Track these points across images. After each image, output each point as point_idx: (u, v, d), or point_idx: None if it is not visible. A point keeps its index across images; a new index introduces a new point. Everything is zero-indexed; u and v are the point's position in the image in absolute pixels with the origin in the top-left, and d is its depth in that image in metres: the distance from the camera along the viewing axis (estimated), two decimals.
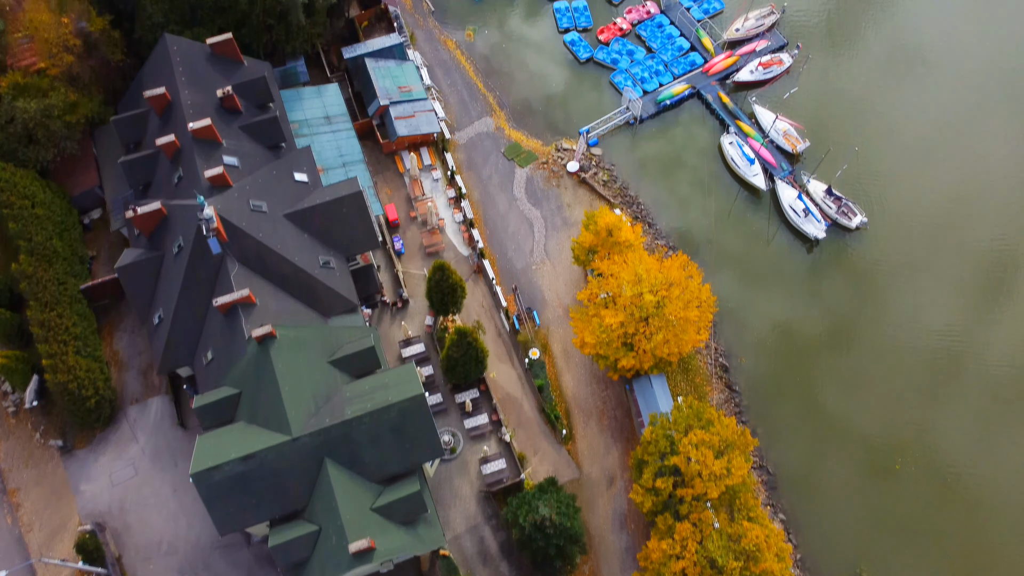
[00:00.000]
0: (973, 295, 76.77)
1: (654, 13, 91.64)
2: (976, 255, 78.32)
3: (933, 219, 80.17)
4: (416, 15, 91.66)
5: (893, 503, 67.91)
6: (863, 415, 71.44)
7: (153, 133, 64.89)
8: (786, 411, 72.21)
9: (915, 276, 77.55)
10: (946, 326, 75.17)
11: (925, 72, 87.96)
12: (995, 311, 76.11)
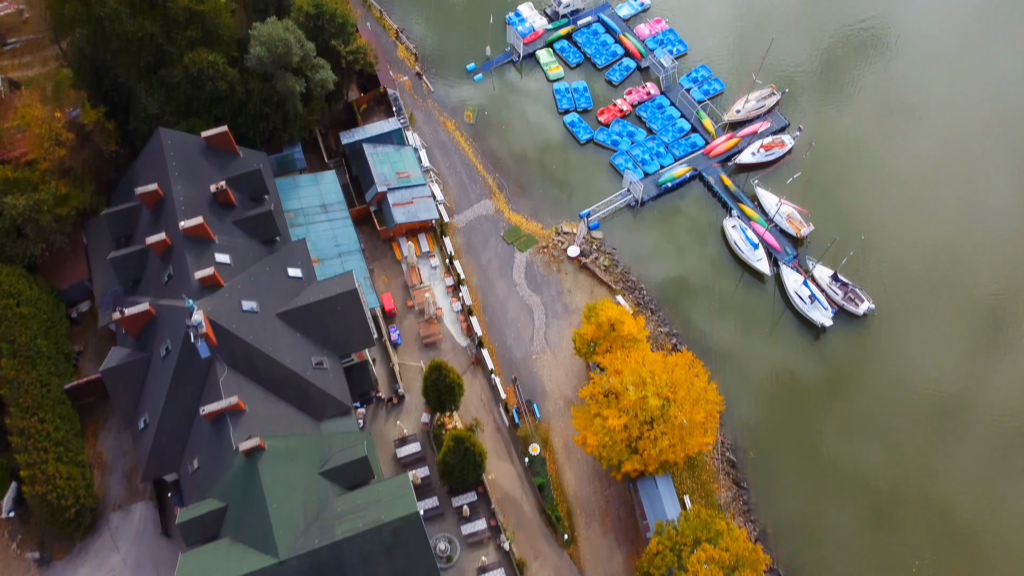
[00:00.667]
0: (973, 342, 75.94)
1: (654, 94, 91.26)
2: (975, 302, 78.14)
3: (931, 266, 79.84)
4: (415, 96, 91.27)
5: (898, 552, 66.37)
6: (870, 468, 70.22)
7: (144, 227, 63.46)
8: (795, 506, 69.49)
9: (914, 324, 76.97)
10: (948, 373, 74.46)
11: (927, 139, 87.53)
12: (995, 358, 75.25)
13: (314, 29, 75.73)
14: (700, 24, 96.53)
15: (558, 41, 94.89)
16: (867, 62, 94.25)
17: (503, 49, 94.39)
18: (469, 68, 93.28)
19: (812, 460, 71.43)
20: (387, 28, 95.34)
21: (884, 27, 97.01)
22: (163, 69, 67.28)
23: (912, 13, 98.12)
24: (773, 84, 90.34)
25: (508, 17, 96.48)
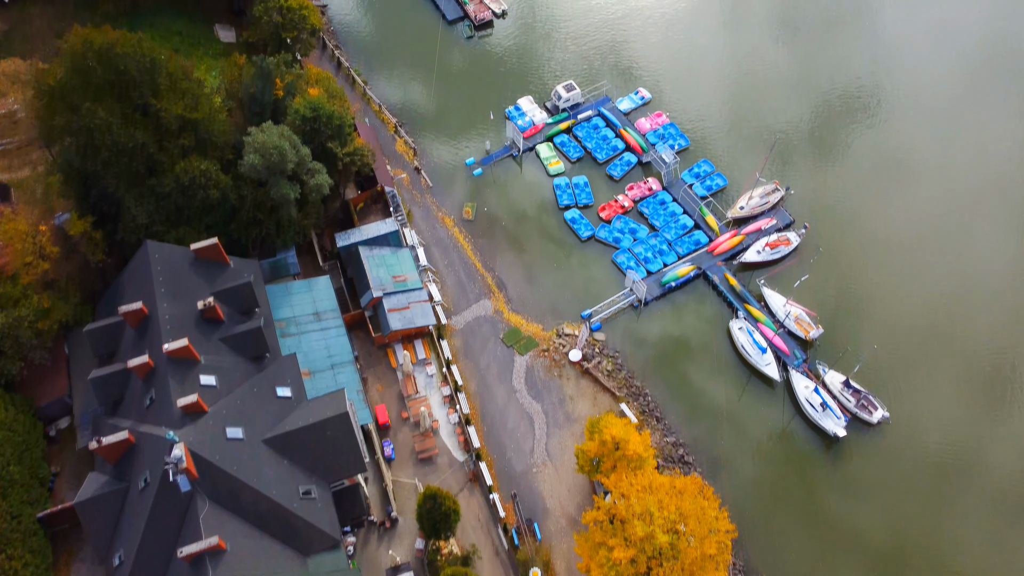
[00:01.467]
0: (975, 404, 75.38)
1: (656, 190, 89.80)
2: (976, 363, 77.97)
3: (930, 324, 79.76)
4: (414, 191, 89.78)
5: None
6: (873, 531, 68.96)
7: (128, 344, 60.85)
8: None
9: (915, 381, 76.63)
10: (952, 435, 73.80)
11: (929, 206, 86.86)
12: (998, 417, 74.66)
13: (311, 132, 74.52)
14: (701, 118, 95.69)
15: (558, 135, 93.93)
16: (861, 130, 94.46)
17: (503, 143, 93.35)
18: (468, 162, 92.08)
19: None
20: (386, 122, 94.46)
21: (880, 94, 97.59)
22: (153, 178, 65.64)
23: (903, 80, 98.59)
24: (777, 180, 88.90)
25: (508, 111, 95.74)
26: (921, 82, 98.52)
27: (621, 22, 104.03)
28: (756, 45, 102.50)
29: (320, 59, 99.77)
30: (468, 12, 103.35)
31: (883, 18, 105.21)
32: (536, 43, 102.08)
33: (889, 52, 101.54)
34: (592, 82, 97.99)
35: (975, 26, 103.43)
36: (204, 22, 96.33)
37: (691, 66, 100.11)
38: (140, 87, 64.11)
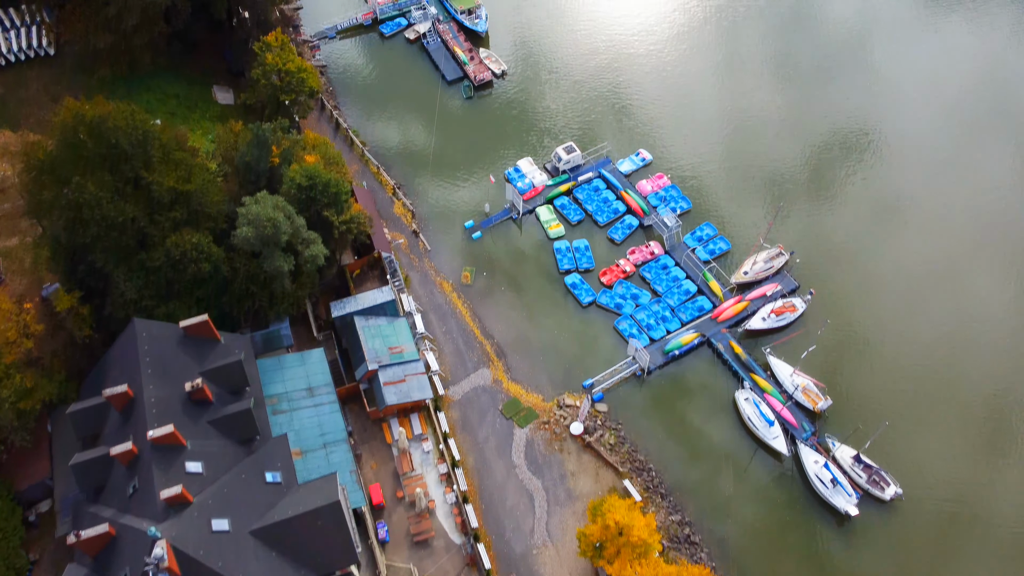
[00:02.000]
0: (979, 451, 74.74)
1: (658, 254, 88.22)
2: (978, 405, 77.38)
3: (930, 368, 79.47)
4: (411, 255, 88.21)
5: None
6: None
7: (113, 426, 58.59)
8: None
9: (918, 435, 75.30)
10: (953, 480, 73.11)
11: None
12: (1002, 462, 74.08)
13: (306, 200, 73.15)
14: (703, 178, 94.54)
15: (558, 198, 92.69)
16: (857, 177, 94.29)
17: (502, 206, 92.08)
18: (468, 225, 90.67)
19: None
20: (384, 184, 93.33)
21: (876, 140, 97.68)
22: (144, 252, 64.01)
23: (898, 125, 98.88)
24: (781, 244, 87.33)
25: (507, 172, 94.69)
26: (915, 127, 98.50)
27: (620, 79, 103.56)
28: (754, 98, 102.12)
29: (319, 120, 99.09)
30: (468, 72, 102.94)
31: (876, 65, 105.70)
32: (536, 103, 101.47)
33: (883, 98, 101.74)
34: (593, 143, 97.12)
35: (967, 72, 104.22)
36: (202, 84, 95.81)
37: (690, 125, 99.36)
38: (132, 160, 62.87)
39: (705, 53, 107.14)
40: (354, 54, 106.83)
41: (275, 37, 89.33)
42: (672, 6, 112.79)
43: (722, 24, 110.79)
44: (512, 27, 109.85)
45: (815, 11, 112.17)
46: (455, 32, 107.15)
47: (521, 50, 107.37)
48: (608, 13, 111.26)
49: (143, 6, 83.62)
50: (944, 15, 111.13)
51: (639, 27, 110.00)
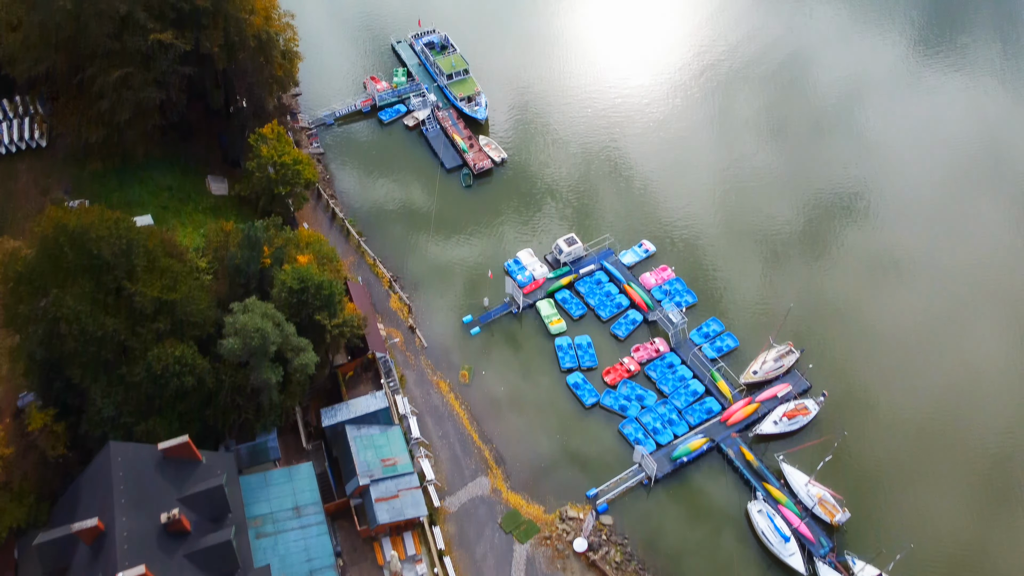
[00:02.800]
0: (982, 508, 73.28)
1: (663, 351, 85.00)
2: (981, 458, 76.36)
3: (932, 422, 78.37)
4: (407, 353, 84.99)
5: None
6: None
7: (82, 561, 54.39)
8: None
9: (921, 491, 74.39)
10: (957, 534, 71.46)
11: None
12: (1007, 517, 72.59)
13: (298, 304, 70.28)
14: (707, 271, 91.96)
15: (560, 291, 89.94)
16: (856, 237, 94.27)
17: (502, 299, 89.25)
18: (466, 320, 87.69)
19: None
20: (380, 276, 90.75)
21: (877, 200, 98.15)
22: (124, 367, 60.78)
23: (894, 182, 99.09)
24: (791, 342, 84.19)
25: (507, 264, 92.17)
26: (912, 186, 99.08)
27: (621, 162, 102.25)
28: (752, 165, 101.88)
29: (315, 209, 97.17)
30: (467, 161, 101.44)
31: (870, 124, 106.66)
32: (537, 192, 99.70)
33: (878, 157, 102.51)
34: (595, 231, 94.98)
35: (959, 131, 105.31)
36: (196, 173, 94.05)
37: (691, 208, 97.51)
38: (114, 270, 60.19)
39: (703, 128, 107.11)
40: (352, 141, 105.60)
41: (271, 129, 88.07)
42: (667, 83, 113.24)
43: (718, 95, 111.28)
44: (512, 112, 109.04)
45: (808, 73, 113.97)
46: (454, 119, 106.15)
47: (521, 136, 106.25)
48: (609, 98, 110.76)
49: (137, 100, 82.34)
50: (935, 76, 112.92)
51: (638, 107, 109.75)
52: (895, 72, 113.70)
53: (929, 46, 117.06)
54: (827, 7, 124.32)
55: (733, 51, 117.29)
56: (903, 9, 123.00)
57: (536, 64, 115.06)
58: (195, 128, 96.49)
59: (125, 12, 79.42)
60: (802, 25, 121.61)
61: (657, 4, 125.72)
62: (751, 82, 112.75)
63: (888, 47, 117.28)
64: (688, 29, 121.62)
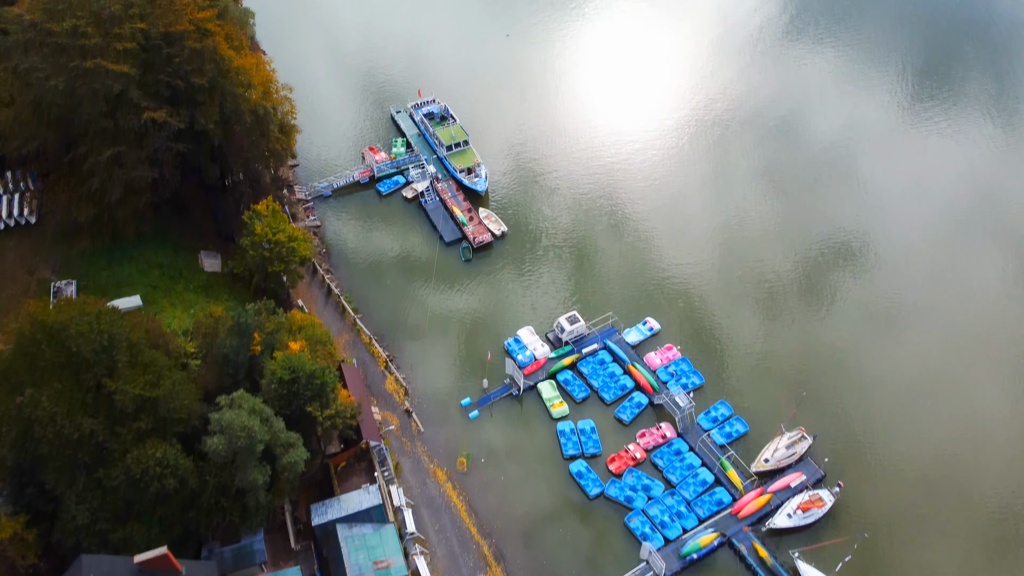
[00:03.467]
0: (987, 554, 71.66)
1: (670, 437, 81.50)
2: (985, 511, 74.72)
3: (935, 474, 76.98)
4: (403, 439, 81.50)
5: None
6: None
7: None
8: None
9: (922, 535, 72.89)
10: None
11: None
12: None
13: (288, 396, 67.24)
14: (714, 350, 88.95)
15: (562, 371, 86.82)
16: (858, 292, 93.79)
17: (502, 381, 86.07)
18: (464, 403, 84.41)
19: None
20: (376, 356, 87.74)
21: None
22: (101, 470, 57.41)
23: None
24: (803, 427, 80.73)
25: (507, 343, 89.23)
26: (906, 234, 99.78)
27: (625, 236, 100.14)
28: (756, 227, 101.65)
29: (310, 285, 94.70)
30: (466, 234, 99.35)
31: (865, 175, 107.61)
32: (537, 266, 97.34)
33: (880, 211, 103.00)
34: (597, 306, 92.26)
35: (954, 181, 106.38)
36: (189, 249, 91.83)
37: (698, 284, 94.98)
38: (94, 368, 57.22)
39: (702, 190, 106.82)
40: (350, 214, 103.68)
41: (266, 205, 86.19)
42: (667, 146, 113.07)
43: (717, 153, 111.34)
44: (513, 183, 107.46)
45: (803, 126, 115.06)
46: (454, 191, 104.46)
47: (521, 207, 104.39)
48: (609, 164, 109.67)
49: (128, 179, 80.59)
50: (928, 129, 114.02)
51: (639, 173, 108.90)
52: (889, 126, 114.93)
53: (922, 101, 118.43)
54: (821, 64, 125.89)
55: (733, 107, 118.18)
56: (896, 66, 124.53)
57: (536, 132, 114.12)
58: (189, 202, 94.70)
59: (119, 91, 78.09)
60: (797, 81, 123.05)
61: (656, 65, 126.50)
62: (749, 137, 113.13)
63: (882, 102, 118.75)
64: (687, 88, 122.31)
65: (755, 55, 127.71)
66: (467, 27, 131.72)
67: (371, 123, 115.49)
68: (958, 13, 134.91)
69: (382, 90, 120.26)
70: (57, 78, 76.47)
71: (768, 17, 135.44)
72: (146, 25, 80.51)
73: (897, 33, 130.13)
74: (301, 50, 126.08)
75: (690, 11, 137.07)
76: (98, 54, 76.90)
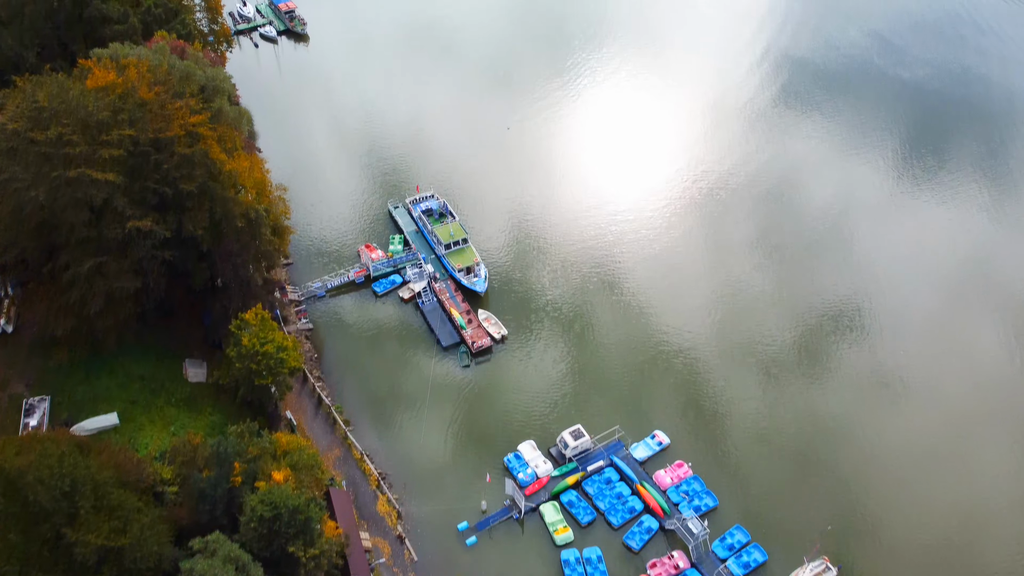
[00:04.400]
0: None
1: (683, 568, 75.44)
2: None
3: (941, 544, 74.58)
4: (395, 568, 75.52)
5: None
6: None
7: None
8: None
9: None
10: None
11: None
12: None
13: (269, 535, 61.76)
14: (728, 466, 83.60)
15: (566, 492, 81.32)
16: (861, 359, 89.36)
17: (502, 502, 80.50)
18: (461, 528, 78.69)
19: None
20: (368, 474, 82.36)
21: None
22: None
23: None
24: (827, 556, 74.75)
25: (507, 459, 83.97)
26: (905, 304, 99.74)
27: (633, 348, 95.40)
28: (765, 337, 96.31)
29: (299, 394, 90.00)
30: (465, 338, 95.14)
31: (858, 243, 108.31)
32: (540, 374, 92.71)
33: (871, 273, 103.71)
34: (603, 418, 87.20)
35: (950, 248, 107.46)
36: (174, 357, 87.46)
37: (711, 402, 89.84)
38: (53, 517, 52.06)
39: (703, 280, 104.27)
40: (344, 315, 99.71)
41: (254, 314, 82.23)
42: (668, 236, 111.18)
43: (715, 249, 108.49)
44: (513, 282, 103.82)
45: (797, 194, 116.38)
46: (452, 291, 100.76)
47: (522, 309, 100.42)
48: (611, 259, 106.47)
49: (110, 290, 76.78)
50: (919, 195, 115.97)
51: (643, 267, 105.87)
52: (879, 193, 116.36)
53: (915, 170, 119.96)
54: (815, 134, 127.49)
55: (727, 178, 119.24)
56: (888, 136, 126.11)
57: (537, 225, 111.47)
58: (176, 307, 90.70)
59: (103, 200, 75.01)
60: (791, 151, 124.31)
61: (652, 139, 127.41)
62: (746, 210, 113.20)
63: (875, 170, 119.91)
64: (682, 162, 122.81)
65: (747, 125, 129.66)
66: (466, 119, 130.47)
67: (368, 219, 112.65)
68: (950, 87, 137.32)
69: (380, 184, 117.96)
70: (38, 188, 73.44)
71: (760, 88, 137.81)
72: (135, 131, 78.07)
73: (889, 105, 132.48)
74: (299, 143, 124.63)
75: (683, 82, 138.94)
76: (83, 162, 74.04)
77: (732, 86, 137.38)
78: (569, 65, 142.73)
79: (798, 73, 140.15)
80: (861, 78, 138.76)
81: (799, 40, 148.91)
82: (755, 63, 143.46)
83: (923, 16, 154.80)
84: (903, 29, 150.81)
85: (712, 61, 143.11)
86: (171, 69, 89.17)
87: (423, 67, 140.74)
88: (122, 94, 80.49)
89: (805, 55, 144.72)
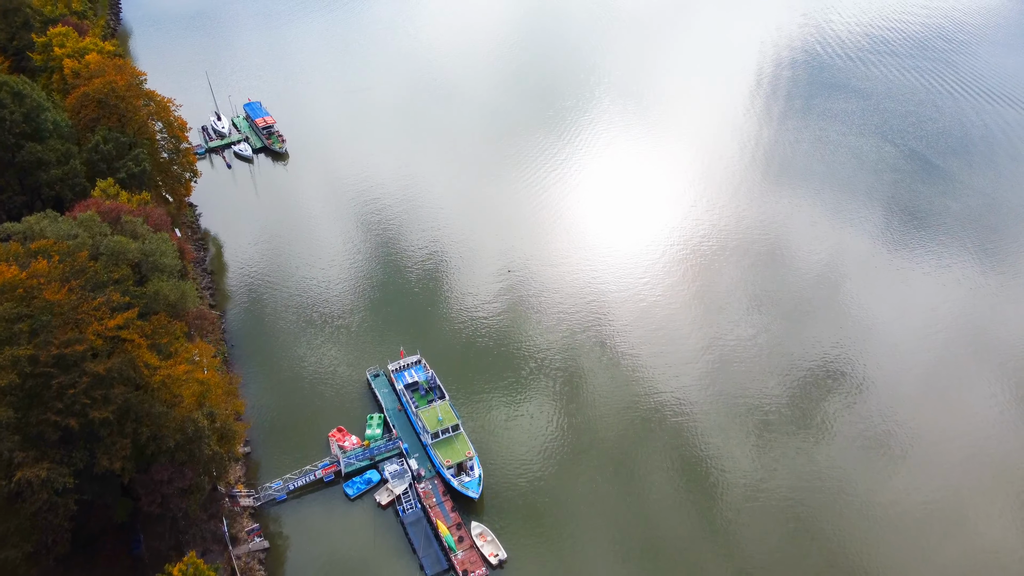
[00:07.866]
0: None
1: None
2: None
3: None
4: None
5: None
6: None
7: None
8: None
9: None
10: None
11: None
12: None
13: None
14: None
15: None
16: None
17: None
18: None
19: None
20: None
21: None
22: None
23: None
24: None
25: None
26: (898, 364, 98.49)
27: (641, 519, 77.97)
28: None
29: None
30: (455, 563, 77.37)
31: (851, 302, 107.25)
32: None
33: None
34: None
35: (944, 306, 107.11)
36: None
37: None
38: None
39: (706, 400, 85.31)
40: (308, 526, 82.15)
41: (185, 564, 64.90)
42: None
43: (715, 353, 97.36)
44: (514, 479, 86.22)
45: (791, 257, 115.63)
46: (440, 495, 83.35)
47: (526, 517, 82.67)
48: (627, 464, 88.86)
49: None
50: (909, 257, 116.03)
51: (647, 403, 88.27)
52: (870, 253, 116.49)
53: (906, 231, 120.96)
54: (807, 196, 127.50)
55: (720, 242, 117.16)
56: (875, 200, 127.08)
57: (541, 424, 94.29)
58: (98, 539, 73.56)
59: None
60: (783, 213, 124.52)
61: (645, 212, 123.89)
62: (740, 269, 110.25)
63: (867, 231, 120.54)
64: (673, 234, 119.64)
65: (739, 188, 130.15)
66: (464, 262, 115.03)
67: (343, 390, 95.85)
68: (938, 156, 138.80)
69: (359, 344, 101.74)
70: None
71: (749, 151, 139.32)
72: (33, 348, 62.15)
73: (876, 170, 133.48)
74: (268, 287, 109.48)
75: (675, 144, 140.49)
76: None
77: (724, 148, 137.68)
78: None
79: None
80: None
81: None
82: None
83: None
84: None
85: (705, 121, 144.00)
86: (95, 250, 73.85)
87: (421, 185, 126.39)
88: (24, 295, 64.92)
89: None
